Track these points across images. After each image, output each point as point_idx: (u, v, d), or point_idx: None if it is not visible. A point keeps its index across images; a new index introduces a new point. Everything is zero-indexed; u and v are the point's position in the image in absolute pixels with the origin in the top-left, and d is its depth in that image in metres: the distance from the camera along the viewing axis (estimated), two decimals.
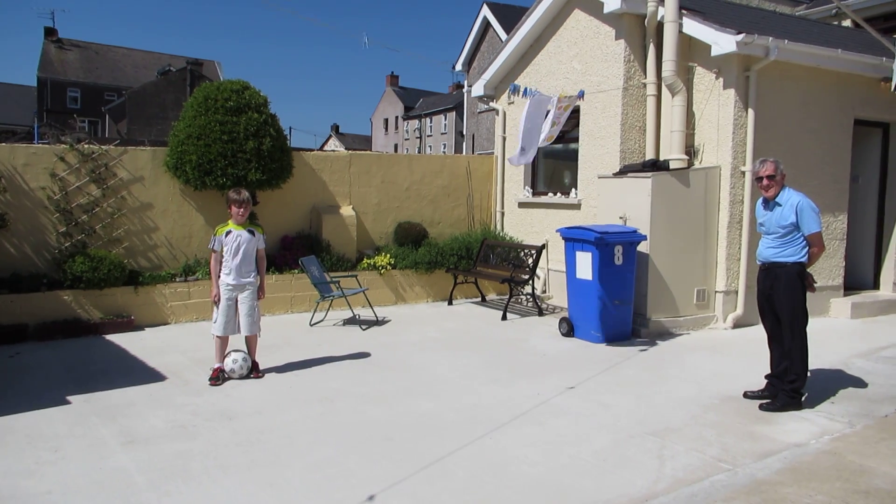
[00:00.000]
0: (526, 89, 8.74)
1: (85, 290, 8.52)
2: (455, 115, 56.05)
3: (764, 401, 5.74)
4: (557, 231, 8.80)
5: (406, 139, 66.78)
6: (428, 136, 63.35)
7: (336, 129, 77.71)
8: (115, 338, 8.25)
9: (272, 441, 4.98)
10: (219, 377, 6.47)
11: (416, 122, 64.91)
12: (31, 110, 47.49)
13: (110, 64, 53.26)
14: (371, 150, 56.58)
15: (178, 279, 9.29)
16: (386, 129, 70.84)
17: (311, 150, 12.56)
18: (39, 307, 8.27)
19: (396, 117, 69.10)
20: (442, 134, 61.04)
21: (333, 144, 71.09)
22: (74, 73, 50.53)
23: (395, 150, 66.00)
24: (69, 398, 5.92)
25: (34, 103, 48.67)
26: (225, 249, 6.47)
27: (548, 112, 8.72)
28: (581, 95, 8.65)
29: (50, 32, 51.26)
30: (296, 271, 9.86)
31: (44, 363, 7.17)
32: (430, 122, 63.24)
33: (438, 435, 5.10)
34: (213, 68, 51.02)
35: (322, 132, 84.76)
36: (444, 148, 59.00)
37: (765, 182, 5.78)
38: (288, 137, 10.77)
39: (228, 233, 6.49)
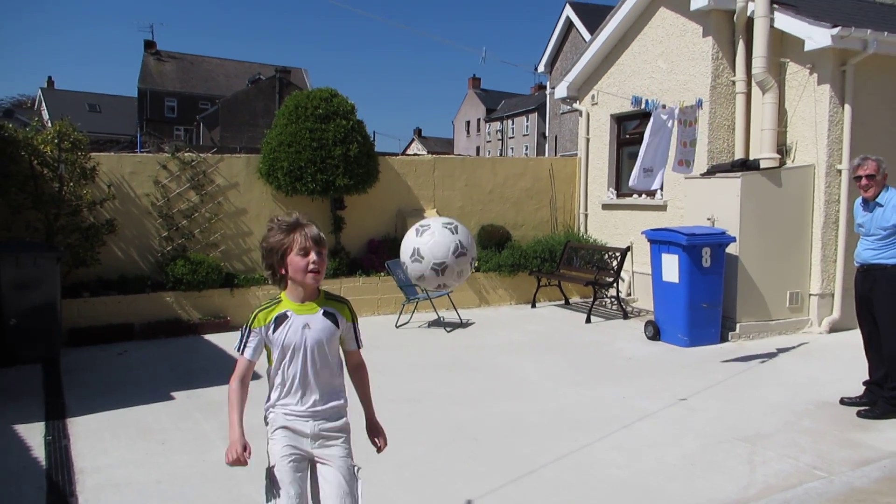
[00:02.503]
0: (647, 101, 8.23)
1: (185, 291, 8.99)
2: (537, 116, 55.78)
3: (862, 408, 5.54)
4: (643, 233, 8.70)
5: (488, 141, 66.90)
6: (510, 137, 63.27)
7: (419, 132, 78.63)
8: (213, 337, 8.67)
9: (362, 439, 5.14)
10: None
11: (498, 123, 64.92)
12: (132, 120, 50.13)
13: (204, 74, 55.68)
14: (453, 152, 57.02)
15: (270, 281, 9.64)
16: (468, 131, 71.15)
17: (395, 154, 12.83)
18: (144, 307, 8.78)
19: (478, 119, 69.31)
20: (524, 136, 60.86)
21: (416, 148, 71.94)
22: (171, 83, 53.09)
23: (477, 152, 66.22)
24: (173, 394, 6.28)
25: (135, 113, 51.37)
26: (273, 355, 2.91)
27: (671, 127, 8.07)
28: (700, 104, 8.20)
29: (149, 45, 54.08)
30: (381, 274, 10.09)
31: (149, 361, 7.62)
32: (512, 123, 63.14)
33: (524, 436, 5.17)
34: (300, 75, 52.58)
35: (405, 136, 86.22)
36: (526, 150, 58.80)
37: (864, 181, 5.57)
38: (373, 142, 11.04)
39: (281, 320, 2.86)
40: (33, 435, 5.19)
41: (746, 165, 8.61)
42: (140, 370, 7.23)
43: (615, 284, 9.93)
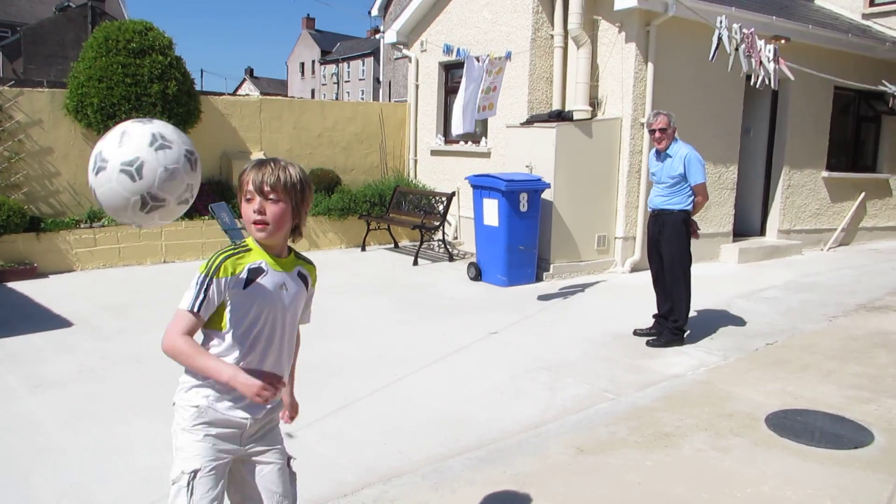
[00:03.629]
0: (459, 50, 8.59)
1: None
2: (373, 60, 55.22)
3: (651, 338, 6.22)
4: (466, 179, 9.04)
5: (323, 84, 65.43)
6: (346, 81, 62.27)
7: (250, 72, 75.33)
8: (17, 285, 8.05)
9: None
10: None
11: (334, 66, 63.59)
12: None
13: None
14: (287, 95, 55.28)
15: (82, 225, 9.08)
16: (302, 73, 69.11)
17: (223, 94, 12.32)
18: None
19: (313, 61, 67.46)
20: (360, 80, 60.11)
21: (248, 88, 68.92)
22: None
23: (312, 95, 64.61)
24: None
25: None
26: (227, 320, 2.26)
27: (482, 75, 8.43)
28: (508, 56, 8.57)
29: None
30: (206, 218, 9.79)
31: None
32: (348, 67, 62.10)
33: (347, 372, 5.34)
34: (116, 5, 48.27)
35: (236, 76, 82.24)
36: (363, 94, 58.18)
37: (657, 135, 6.14)
38: (196, 81, 10.55)
39: (256, 273, 2.26)
40: None
41: (562, 116, 9.14)
42: None
43: (441, 228, 10.27)
